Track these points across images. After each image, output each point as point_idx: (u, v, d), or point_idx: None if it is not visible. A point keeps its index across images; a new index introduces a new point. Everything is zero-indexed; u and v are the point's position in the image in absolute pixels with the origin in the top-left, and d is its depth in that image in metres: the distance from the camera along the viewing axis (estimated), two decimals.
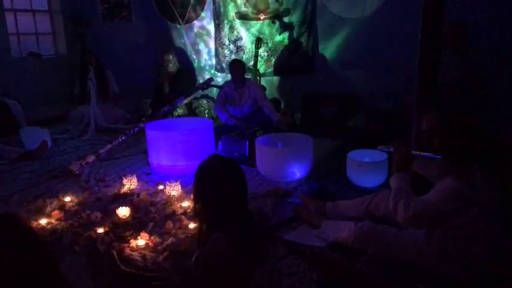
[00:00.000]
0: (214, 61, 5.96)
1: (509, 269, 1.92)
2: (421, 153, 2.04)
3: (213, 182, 1.41)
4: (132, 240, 2.42)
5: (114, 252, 2.09)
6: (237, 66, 4.58)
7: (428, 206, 1.85)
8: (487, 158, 1.86)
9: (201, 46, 6.03)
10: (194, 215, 1.43)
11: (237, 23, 5.59)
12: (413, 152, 2.08)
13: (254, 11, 5.45)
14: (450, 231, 1.88)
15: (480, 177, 1.81)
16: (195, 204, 1.46)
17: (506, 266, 1.92)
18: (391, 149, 2.15)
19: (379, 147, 2.34)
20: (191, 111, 5.75)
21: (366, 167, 3.16)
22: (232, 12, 5.59)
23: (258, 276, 1.33)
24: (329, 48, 5.15)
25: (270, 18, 5.38)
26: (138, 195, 3.09)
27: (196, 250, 1.45)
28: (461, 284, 1.89)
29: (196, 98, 5.80)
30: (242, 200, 1.43)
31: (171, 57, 5.57)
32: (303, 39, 5.27)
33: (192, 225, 2.59)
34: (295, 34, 5.29)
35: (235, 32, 5.64)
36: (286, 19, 5.30)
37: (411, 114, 3.03)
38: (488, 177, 1.82)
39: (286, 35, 5.35)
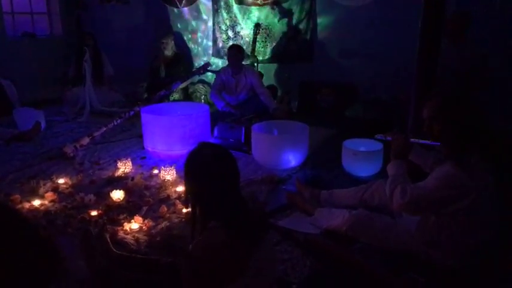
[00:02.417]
0: (211, 46, 5.90)
1: (502, 260, 1.94)
2: (420, 140, 2.05)
3: (204, 171, 1.40)
4: (125, 224, 2.42)
5: (107, 235, 2.08)
6: (235, 52, 4.51)
7: (425, 192, 1.86)
8: (486, 147, 1.86)
9: (199, 31, 5.97)
10: (186, 204, 1.41)
11: (236, 8, 5.53)
12: (412, 139, 2.09)
13: None
14: (444, 218, 1.89)
15: (478, 166, 1.81)
16: (186, 194, 1.46)
17: (499, 255, 1.94)
18: (389, 138, 2.16)
19: (376, 135, 2.34)
20: (187, 96, 5.71)
21: (361, 156, 3.16)
22: None
23: (253, 261, 1.33)
24: (328, 37, 5.12)
25: (269, 3, 5.31)
26: (133, 178, 3.08)
27: (191, 240, 1.45)
28: (453, 273, 1.90)
29: (192, 83, 5.76)
30: (234, 186, 1.42)
31: (169, 40, 5.51)
32: (302, 26, 5.22)
33: (186, 210, 2.58)
34: (294, 21, 5.24)
35: (233, 17, 5.58)
36: (285, 5, 5.24)
37: (408, 105, 3.03)
38: (486, 167, 1.83)
39: (285, 21, 5.30)
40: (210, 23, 5.82)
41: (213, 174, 1.38)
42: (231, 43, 5.53)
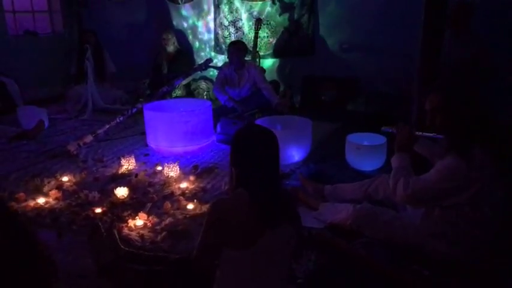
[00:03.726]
0: (213, 42, 5.88)
1: (506, 251, 1.94)
2: (424, 133, 2.06)
3: (248, 145, 1.49)
4: (130, 220, 2.43)
5: (115, 231, 2.09)
6: (237, 50, 4.42)
7: (428, 184, 1.87)
8: (489, 139, 1.85)
9: (200, 27, 5.95)
10: (229, 180, 1.51)
11: (237, 3, 5.50)
12: (416, 132, 2.09)
13: None
14: (448, 210, 1.89)
15: (481, 157, 1.81)
16: (231, 169, 1.52)
17: (503, 247, 1.93)
18: (394, 130, 2.16)
19: (382, 128, 2.35)
20: (190, 92, 5.70)
21: (364, 150, 3.15)
22: None
23: (266, 243, 1.38)
24: (329, 31, 5.09)
25: None
26: (136, 175, 3.08)
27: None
28: (458, 265, 1.90)
29: (194, 79, 5.75)
30: (273, 168, 1.50)
31: (170, 36, 5.50)
32: (304, 21, 5.19)
33: (190, 206, 2.59)
34: (295, 15, 5.22)
35: (234, 13, 5.56)
36: (286, 0, 5.22)
37: (411, 98, 3.02)
38: (488, 158, 1.82)
39: (286, 16, 5.27)
40: (211, 19, 5.80)
41: (254, 149, 1.47)
42: (232, 38, 5.52)
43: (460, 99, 1.88)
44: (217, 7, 5.67)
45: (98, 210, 2.56)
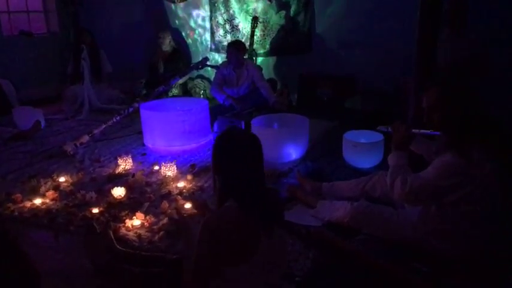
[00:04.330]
0: (209, 41, 5.87)
1: (503, 248, 1.94)
2: (421, 130, 2.06)
3: (231, 151, 1.44)
4: (127, 220, 2.42)
5: (111, 232, 2.08)
6: (236, 49, 4.39)
7: (426, 181, 1.86)
8: (486, 135, 1.85)
9: (196, 25, 5.94)
10: (214, 188, 1.46)
11: (233, 1, 5.49)
12: (413, 130, 2.08)
13: None
14: (445, 208, 1.89)
15: (478, 154, 1.81)
16: (214, 177, 1.49)
17: (501, 244, 1.94)
18: (390, 129, 2.15)
19: (378, 127, 2.34)
20: (186, 91, 5.69)
21: (361, 147, 3.15)
22: None
23: (261, 250, 1.36)
24: (326, 28, 5.09)
25: None
26: (133, 175, 3.08)
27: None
28: (456, 262, 1.90)
29: (191, 78, 5.74)
30: (258, 171, 1.46)
31: (165, 35, 5.48)
32: (300, 19, 5.19)
33: (187, 205, 2.59)
34: (292, 13, 5.21)
35: (230, 11, 5.55)
36: None
37: (408, 96, 3.02)
38: (486, 155, 1.82)
39: (282, 14, 5.26)
40: (208, 18, 5.79)
41: (238, 154, 1.43)
42: (229, 37, 5.51)
43: (457, 96, 1.87)
44: (213, 5, 5.65)
45: (95, 210, 2.55)
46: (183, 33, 6.01)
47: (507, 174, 1.90)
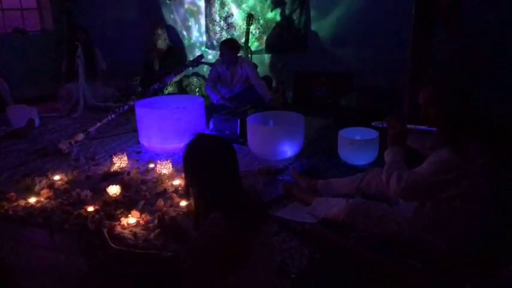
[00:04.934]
0: (204, 38, 5.85)
1: (497, 245, 1.96)
2: (416, 126, 2.06)
3: (203, 160, 1.39)
4: (122, 219, 2.41)
5: (105, 230, 2.07)
6: (228, 50, 4.36)
7: (421, 177, 1.87)
8: (482, 132, 1.87)
9: (192, 23, 5.92)
10: (187, 197, 1.41)
11: None
12: (408, 125, 2.09)
13: None
14: (440, 204, 1.90)
15: (474, 150, 1.82)
16: (186, 185, 1.45)
17: (495, 241, 1.95)
18: (385, 125, 2.16)
19: (372, 123, 2.34)
20: (182, 89, 5.67)
21: (357, 144, 3.16)
22: None
23: (253, 252, 1.34)
24: (321, 26, 5.08)
25: None
26: (129, 173, 3.07)
27: (196, 230, 1.44)
28: (450, 259, 1.91)
29: (186, 76, 5.72)
30: (234, 176, 1.42)
31: (160, 32, 5.46)
32: (295, 16, 5.18)
33: (183, 203, 2.58)
34: (287, 11, 5.20)
35: (226, 8, 5.53)
36: None
37: (403, 93, 3.03)
38: (481, 152, 1.83)
39: (278, 11, 5.26)
40: (203, 15, 5.77)
41: (212, 163, 1.38)
42: (224, 34, 5.50)
43: (453, 92, 1.88)
44: (208, 2, 5.64)
45: (90, 208, 2.54)
46: (178, 30, 5.99)
47: (502, 169, 1.92)
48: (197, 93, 5.53)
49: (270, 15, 5.30)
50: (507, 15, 3.88)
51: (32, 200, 2.69)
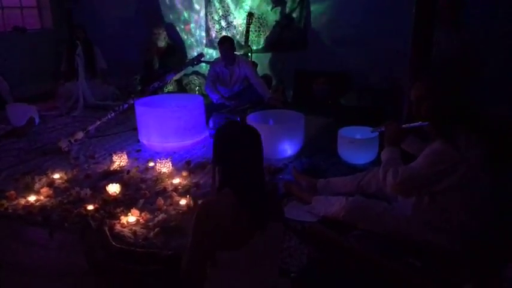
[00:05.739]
0: (204, 36, 5.85)
1: (495, 238, 1.96)
2: (410, 124, 2.13)
3: (230, 138, 1.48)
4: (122, 217, 2.41)
5: (106, 229, 2.08)
6: (225, 47, 4.38)
7: (417, 170, 1.93)
8: (472, 124, 1.93)
9: (191, 21, 5.91)
10: (212, 179, 1.51)
11: None
12: (403, 125, 2.16)
13: None
14: (437, 198, 1.93)
15: (465, 141, 1.87)
16: (214, 169, 1.51)
17: (492, 234, 1.96)
18: (383, 129, 2.24)
19: (371, 129, 2.40)
20: (181, 87, 5.67)
21: (357, 143, 3.16)
22: None
23: (255, 243, 1.38)
24: (322, 25, 5.08)
25: None
26: (128, 172, 3.07)
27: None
28: (450, 257, 1.92)
29: (186, 74, 5.72)
30: (256, 162, 1.48)
31: (160, 31, 5.46)
32: (295, 15, 5.18)
33: (183, 202, 2.58)
34: (287, 9, 5.20)
35: (226, 7, 5.53)
36: None
37: (403, 92, 3.03)
38: (473, 143, 1.88)
39: (278, 10, 5.25)
40: (203, 13, 5.76)
41: (239, 142, 1.46)
42: (224, 33, 5.49)
43: (442, 86, 1.96)
44: (208, 1, 5.63)
45: (90, 207, 2.54)
46: (178, 29, 5.98)
47: (494, 162, 1.97)
48: (197, 92, 5.53)
49: (270, 14, 5.30)
50: (507, 15, 3.88)
51: (32, 198, 2.68)
